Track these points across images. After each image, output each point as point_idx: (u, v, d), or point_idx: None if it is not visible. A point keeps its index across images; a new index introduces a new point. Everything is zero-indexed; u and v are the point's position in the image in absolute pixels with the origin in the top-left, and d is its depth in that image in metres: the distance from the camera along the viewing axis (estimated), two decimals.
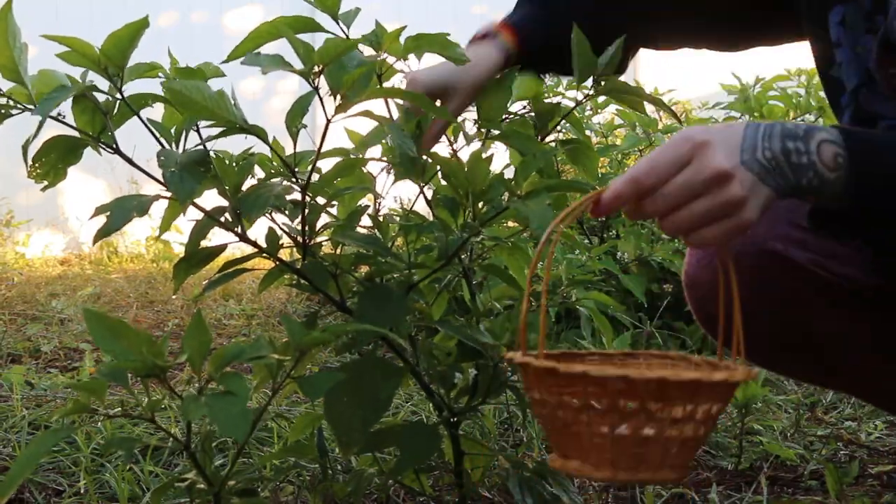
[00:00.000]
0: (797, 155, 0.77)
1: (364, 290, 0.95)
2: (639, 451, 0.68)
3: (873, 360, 1.08)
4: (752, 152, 0.75)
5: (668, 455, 0.69)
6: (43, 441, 0.80)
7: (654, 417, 0.67)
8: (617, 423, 0.67)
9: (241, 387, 0.75)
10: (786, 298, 1.05)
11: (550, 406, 0.70)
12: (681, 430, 0.68)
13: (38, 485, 1.38)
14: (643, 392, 0.66)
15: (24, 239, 5.34)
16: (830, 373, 1.13)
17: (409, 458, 0.96)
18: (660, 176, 0.73)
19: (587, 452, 0.69)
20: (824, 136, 0.78)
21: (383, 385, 0.90)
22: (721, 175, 0.73)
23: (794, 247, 1.03)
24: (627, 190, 0.73)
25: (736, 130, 0.76)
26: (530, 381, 0.72)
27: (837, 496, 1.29)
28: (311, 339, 0.80)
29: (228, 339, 2.70)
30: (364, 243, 0.92)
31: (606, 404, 0.67)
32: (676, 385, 0.66)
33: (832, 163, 0.78)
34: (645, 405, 0.66)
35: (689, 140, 0.74)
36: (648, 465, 0.69)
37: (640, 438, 0.67)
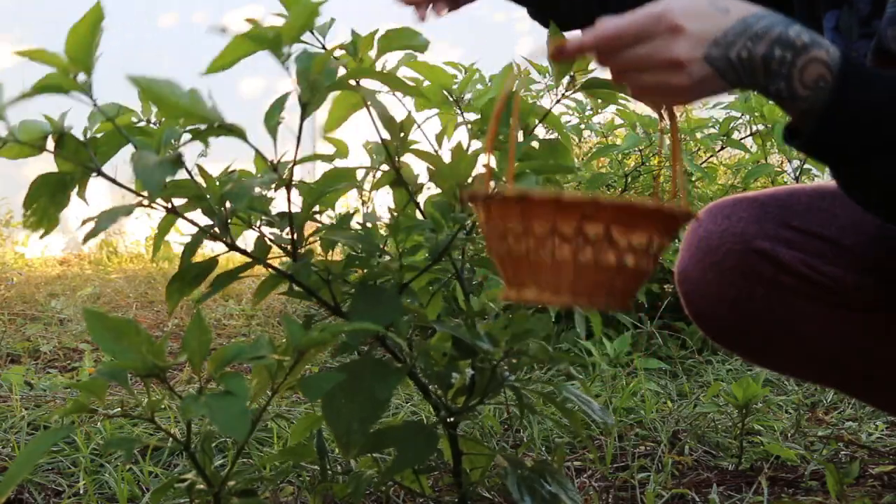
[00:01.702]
0: (778, 63, 0.77)
1: (357, 291, 0.95)
2: (598, 277, 0.71)
3: (859, 360, 1.08)
4: (726, 49, 0.76)
5: (623, 283, 0.73)
6: (42, 441, 0.80)
7: (615, 245, 0.70)
8: (581, 250, 0.69)
9: (241, 387, 0.75)
10: (772, 297, 1.05)
11: (513, 236, 0.72)
12: (636, 260, 0.71)
13: (38, 485, 1.38)
14: (609, 218, 0.69)
15: (24, 239, 5.34)
16: (821, 371, 1.13)
17: (407, 459, 0.96)
18: (623, 41, 0.76)
19: (546, 280, 0.71)
20: (821, 55, 0.77)
21: (381, 385, 0.90)
22: (674, 64, 0.76)
23: (781, 246, 1.04)
24: (590, 46, 0.77)
25: (721, 23, 0.76)
26: (494, 213, 0.73)
27: (838, 497, 1.29)
28: (310, 340, 0.80)
29: (228, 339, 2.70)
30: (355, 241, 0.92)
31: (573, 230, 0.69)
32: (641, 212, 0.70)
33: (811, 82, 0.77)
34: (609, 232, 0.69)
35: (663, 20, 0.75)
36: (604, 292, 0.72)
37: (602, 265, 0.70)
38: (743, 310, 1.07)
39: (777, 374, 2.09)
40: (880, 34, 0.86)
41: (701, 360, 2.25)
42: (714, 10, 0.76)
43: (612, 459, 1.49)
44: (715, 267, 1.06)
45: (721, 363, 2.23)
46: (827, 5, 0.95)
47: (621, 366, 2.13)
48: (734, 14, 0.77)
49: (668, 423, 1.69)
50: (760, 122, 2.48)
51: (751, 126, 2.54)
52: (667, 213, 0.71)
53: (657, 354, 2.26)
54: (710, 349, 2.32)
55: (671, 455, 1.51)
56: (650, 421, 1.70)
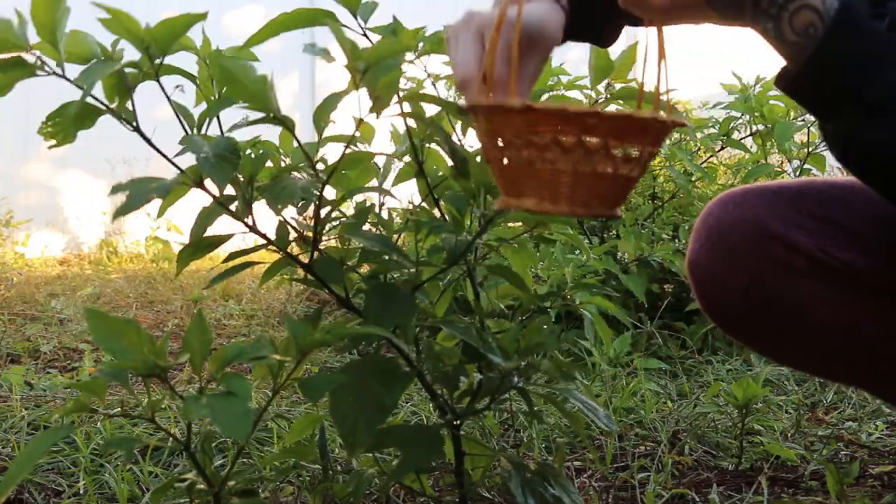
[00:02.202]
0: (768, 3, 0.76)
1: (372, 288, 0.95)
2: (595, 186, 0.73)
3: (865, 351, 1.08)
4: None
5: (616, 191, 0.75)
6: (42, 441, 0.80)
7: (611, 155, 0.72)
8: (580, 160, 0.71)
9: (243, 387, 0.75)
10: (784, 282, 1.06)
11: (514, 147, 0.73)
12: (630, 169, 0.73)
13: (38, 485, 1.38)
14: (608, 129, 0.70)
15: (24, 239, 5.34)
16: (827, 363, 1.13)
17: (411, 462, 0.96)
18: None
19: (545, 190, 0.73)
20: (814, 2, 0.76)
21: (388, 391, 0.90)
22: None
23: (794, 229, 1.04)
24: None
25: None
26: (495, 123, 0.74)
27: (838, 497, 1.29)
28: (314, 340, 0.80)
29: (228, 339, 2.70)
30: (373, 242, 0.92)
31: (574, 141, 0.71)
32: (638, 123, 0.72)
33: (801, 29, 0.76)
34: (607, 143, 0.71)
35: None
36: (600, 200, 0.74)
37: (598, 174, 0.72)
38: (754, 297, 1.07)
39: (777, 374, 2.09)
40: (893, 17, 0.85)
41: (701, 360, 2.24)
42: None
43: (612, 459, 1.49)
44: (727, 254, 1.06)
45: (721, 363, 2.23)
46: None
47: (621, 366, 2.13)
48: None
49: (668, 423, 1.69)
50: (760, 122, 2.48)
51: (751, 126, 2.55)
52: (660, 123, 0.73)
53: (657, 354, 2.26)
54: (710, 349, 2.32)
55: (671, 455, 1.51)
56: (650, 421, 1.70)
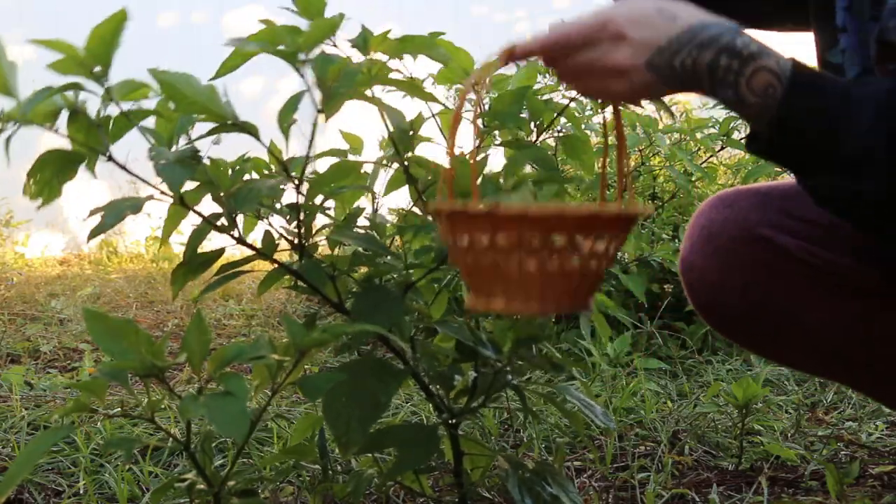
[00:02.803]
0: (724, 71, 0.77)
1: (361, 290, 0.95)
2: (564, 283, 0.72)
3: (861, 351, 1.08)
4: (670, 56, 0.76)
5: (586, 285, 0.75)
6: (42, 441, 0.80)
7: (579, 252, 0.72)
8: (547, 259, 0.71)
9: (241, 387, 0.75)
10: (775, 284, 1.06)
11: (479, 251, 0.72)
12: (598, 263, 0.73)
13: (38, 485, 1.38)
14: (574, 227, 0.71)
15: (24, 239, 5.34)
16: (824, 363, 1.14)
17: (408, 460, 0.96)
18: (567, 49, 0.78)
19: (514, 290, 0.73)
20: (770, 64, 0.77)
21: (383, 387, 0.90)
22: (616, 70, 0.77)
23: (782, 233, 1.05)
24: (537, 51, 0.79)
25: (667, 31, 0.76)
26: (458, 227, 0.74)
27: (838, 497, 1.29)
28: (311, 340, 0.80)
29: (228, 339, 2.70)
30: (362, 242, 0.92)
31: (540, 242, 0.71)
32: (603, 219, 0.72)
33: (759, 90, 0.77)
34: (573, 239, 0.71)
35: (608, 27, 0.77)
36: (570, 296, 0.74)
37: (567, 272, 0.72)
38: (746, 298, 1.07)
39: (777, 374, 2.09)
40: (882, 24, 0.86)
41: (701, 360, 2.24)
42: (661, 17, 0.77)
43: (612, 459, 1.49)
44: (718, 254, 1.07)
45: (721, 363, 2.23)
46: None
47: (621, 366, 2.13)
48: (682, 22, 0.77)
49: (668, 423, 1.69)
50: None
51: None
52: (625, 217, 0.73)
53: (657, 354, 2.26)
54: (710, 349, 2.32)
55: (671, 455, 1.51)
56: (650, 421, 1.70)
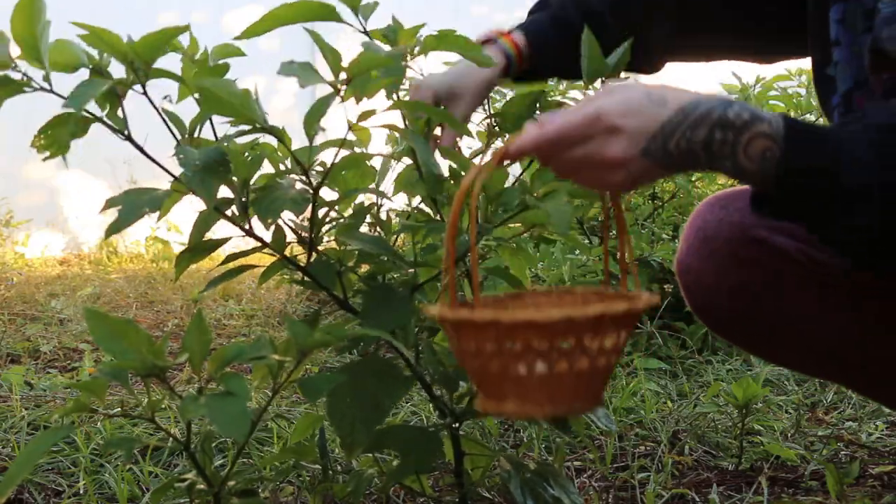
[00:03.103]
0: (720, 145, 0.77)
1: (368, 290, 0.95)
2: (574, 383, 0.71)
3: (856, 352, 1.09)
4: (664, 141, 0.76)
5: (597, 382, 0.74)
6: (42, 441, 0.80)
7: (587, 351, 0.70)
8: (556, 361, 0.70)
9: (241, 387, 0.75)
10: (770, 285, 1.06)
11: (486, 355, 0.71)
12: (608, 359, 0.72)
13: (38, 485, 1.38)
14: (582, 328, 0.69)
15: (24, 239, 5.34)
16: (820, 363, 1.14)
17: (410, 465, 0.96)
18: (561, 146, 0.77)
19: (525, 393, 0.71)
20: (763, 129, 0.77)
21: (388, 390, 0.90)
22: (613, 163, 0.77)
23: (779, 235, 1.05)
24: (531, 149, 0.78)
25: (659, 116, 0.76)
26: (464, 334, 0.72)
27: (838, 497, 1.29)
28: (314, 341, 0.80)
29: (228, 339, 2.70)
30: (370, 244, 0.92)
31: (547, 346, 0.70)
32: (611, 318, 0.70)
33: (757, 156, 0.77)
34: (581, 341, 0.70)
35: (600, 121, 0.76)
36: (581, 397, 0.73)
37: (576, 372, 0.71)
38: (742, 299, 1.07)
39: (777, 374, 2.09)
40: (875, 34, 0.86)
41: (701, 360, 2.24)
42: (650, 103, 0.76)
43: (612, 459, 1.49)
44: (714, 256, 1.07)
45: (721, 363, 2.23)
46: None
47: (621, 366, 2.13)
48: (671, 105, 0.77)
49: (668, 423, 1.69)
50: None
51: None
52: (634, 312, 0.72)
53: (657, 354, 2.26)
54: (710, 349, 2.32)
55: (671, 455, 1.51)
56: (650, 421, 1.70)
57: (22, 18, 0.76)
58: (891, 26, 0.84)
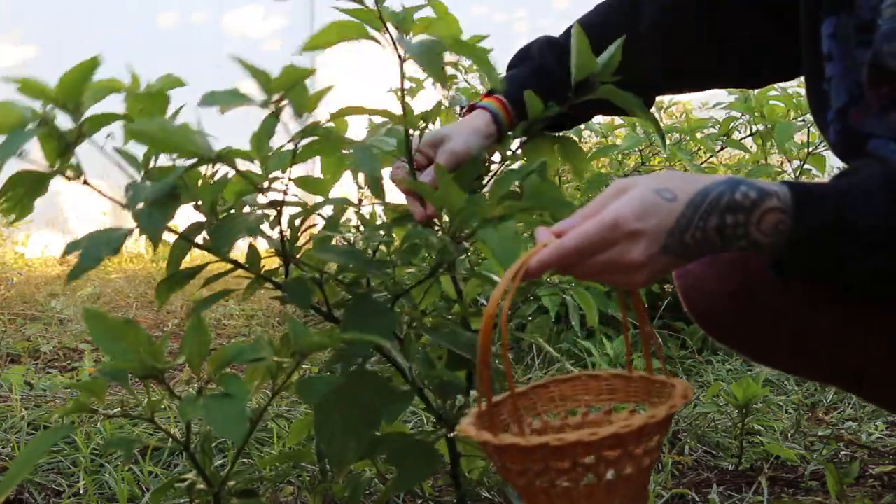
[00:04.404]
0: (733, 228, 0.78)
1: (351, 301, 0.94)
2: (623, 489, 0.73)
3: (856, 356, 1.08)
4: (681, 235, 0.78)
5: (642, 483, 0.75)
6: (42, 441, 0.80)
7: (633, 456, 0.72)
8: (603, 472, 0.71)
9: (240, 388, 0.75)
10: (770, 290, 1.06)
11: (533, 473, 0.72)
12: (651, 458, 0.74)
13: (38, 485, 1.38)
14: (628, 440, 0.71)
15: (24, 239, 5.34)
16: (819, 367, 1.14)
17: (408, 478, 0.95)
18: (583, 256, 0.78)
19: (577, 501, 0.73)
20: (773, 204, 0.78)
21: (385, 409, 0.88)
22: (635, 266, 0.78)
23: None
24: (553, 263, 0.78)
25: (672, 211, 0.77)
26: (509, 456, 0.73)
27: (838, 497, 1.29)
28: (312, 343, 0.80)
29: (228, 339, 2.70)
30: (344, 258, 0.91)
31: (595, 460, 0.71)
32: (654, 425, 0.72)
33: (770, 230, 0.78)
34: (627, 449, 0.71)
35: (619, 228, 0.76)
36: (630, 499, 0.74)
37: (624, 478, 0.72)
38: (741, 304, 1.07)
39: (777, 374, 2.09)
40: (876, 49, 0.85)
41: (701, 360, 2.24)
42: (662, 200, 0.77)
43: None
44: (714, 261, 1.07)
45: (721, 363, 2.23)
46: (826, 12, 0.95)
47: (621, 366, 2.13)
48: (682, 198, 0.77)
49: None
50: (760, 122, 2.48)
51: (751, 126, 2.54)
52: (672, 413, 0.73)
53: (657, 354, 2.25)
54: (710, 349, 2.32)
55: (671, 455, 1.51)
56: None
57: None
58: (892, 42, 0.84)
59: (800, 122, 2.45)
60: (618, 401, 0.89)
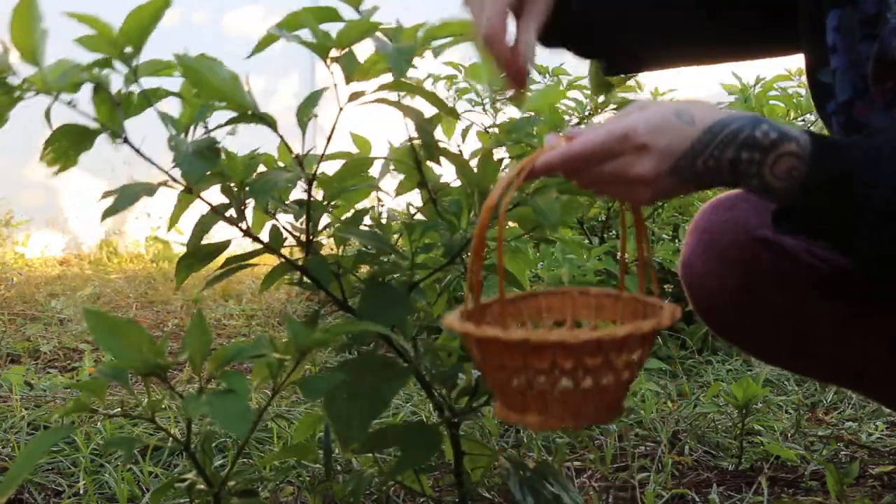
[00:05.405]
0: (747, 164, 0.77)
1: (366, 289, 0.95)
2: (599, 398, 0.72)
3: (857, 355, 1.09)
4: (692, 160, 0.77)
5: (619, 396, 0.74)
6: (42, 441, 0.80)
7: (613, 367, 0.71)
8: (582, 378, 0.70)
9: (242, 385, 0.75)
10: (774, 286, 1.06)
11: (510, 370, 0.71)
12: (631, 372, 0.73)
13: (38, 485, 1.38)
14: (610, 348, 0.70)
15: (24, 239, 5.34)
16: (820, 365, 1.14)
17: (410, 459, 0.96)
18: (589, 163, 0.77)
19: (547, 408, 0.72)
20: (791, 148, 0.77)
21: (386, 385, 0.90)
22: (642, 181, 0.77)
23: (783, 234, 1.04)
24: (558, 164, 0.77)
25: (687, 135, 0.76)
26: (488, 350, 0.72)
27: (838, 497, 1.29)
28: (313, 340, 0.80)
29: (228, 339, 2.70)
30: (368, 239, 0.92)
31: (574, 364, 0.70)
32: (637, 337, 0.71)
33: (784, 174, 0.77)
34: (608, 358, 0.70)
35: (629, 139, 0.76)
36: (605, 410, 0.73)
37: (601, 387, 0.71)
38: (745, 300, 1.07)
39: (777, 374, 2.09)
40: (883, 44, 0.85)
41: (701, 360, 2.25)
42: (679, 122, 0.76)
43: (612, 459, 1.49)
44: (718, 257, 1.07)
45: (721, 363, 2.23)
46: (830, 4, 0.95)
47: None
48: (700, 124, 0.77)
49: (668, 423, 1.69)
50: None
51: None
52: (657, 329, 0.72)
53: (657, 354, 2.26)
54: (710, 349, 2.33)
55: (671, 455, 1.51)
56: (650, 421, 1.70)
57: (20, 25, 0.77)
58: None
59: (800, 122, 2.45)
60: (605, 319, 0.87)
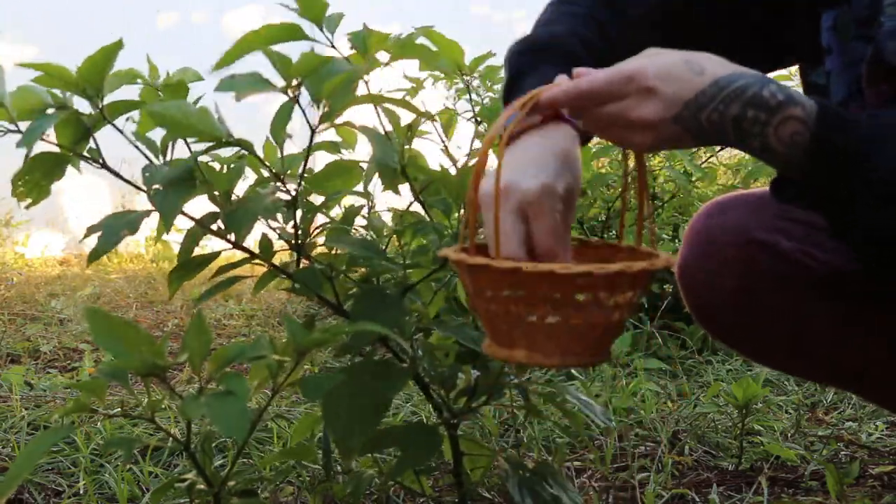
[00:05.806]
0: (751, 123, 0.76)
1: (360, 292, 0.95)
2: (587, 337, 0.72)
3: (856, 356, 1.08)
4: (696, 110, 0.76)
5: (607, 338, 0.74)
6: (42, 441, 0.80)
7: (602, 305, 0.71)
8: (571, 314, 0.70)
9: (241, 386, 0.75)
10: (770, 288, 1.06)
11: (501, 301, 0.71)
12: (621, 314, 0.72)
13: (38, 485, 1.38)
14: (600, 283, 0.70)
15: (24, 239, 5.34)
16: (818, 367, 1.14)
17: (409, 459, 0.96)
18: (593, 101, 0.77)
19: (536, 342, 0.71)
20: (796, 112, 0.76)
21: (385, 387, 0.90)
22: (644, 125, 0.76)
23: (779, 235, 1.04)
24: (562, 100, 0.77)
25: (694, 84, 0.76)
26: (480, 279, 0.72)
27: (838, 497, 1.29)
28: (311, 340, 0.80)
29: (228, 339, 2.70)
30: (359, 248, 0.92)
31: (564, 298, 0.70)
32: (629, 275, 0.70)
33: (787, 138, 0.76)
34: (598, 295, 0.70)
35: (635, 81, 0.75)
36: (592, 349, 0.73)
37: (591, 324, 0.71)
38: (742, 302, 1.07)
39: (777, 374, 2.09)
40: (879, 46, 0.85)
41: (701, 360, 2.25)
42: (688, 70, 0.76)
43: (612, 459, 1.49)
44: (715, 259, 1.07)
45: (721, 363, 2.23)
46: (825, 3, 0.95)
47: (621, 366, 2.13)
48: (708, 75, 0.76)
49: (668, 423, 1.69)
50: None
51: None
52: (650, 271, 0.72)
53: (657, 354, 2.26)
54: (710, 349, 2.33)
55: (671, 455, 1.51)
56: (650, 421, 1.70)
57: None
58: None
59: None
60: None
